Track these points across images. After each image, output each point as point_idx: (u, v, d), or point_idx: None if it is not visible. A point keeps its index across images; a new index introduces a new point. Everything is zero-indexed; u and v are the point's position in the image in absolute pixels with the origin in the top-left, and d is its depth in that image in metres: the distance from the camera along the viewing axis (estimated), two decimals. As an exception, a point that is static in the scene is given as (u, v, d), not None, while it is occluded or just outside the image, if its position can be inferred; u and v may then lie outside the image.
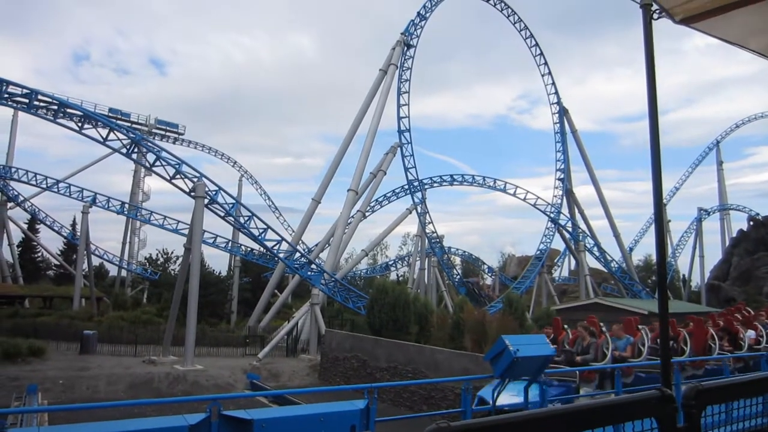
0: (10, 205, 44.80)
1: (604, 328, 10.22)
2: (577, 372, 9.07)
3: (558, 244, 53.93)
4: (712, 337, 11.36)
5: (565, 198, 49.36)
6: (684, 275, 65.21)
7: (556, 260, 61.27)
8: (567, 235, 49.69)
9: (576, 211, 50.27)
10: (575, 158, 51.07)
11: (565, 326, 11.11)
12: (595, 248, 49.49)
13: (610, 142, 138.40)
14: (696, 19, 2.89)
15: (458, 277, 53.28)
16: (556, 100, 49.83)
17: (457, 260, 62.56)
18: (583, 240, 49.05)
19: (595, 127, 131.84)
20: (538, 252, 51.12)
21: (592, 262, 50.88)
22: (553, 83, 49.39)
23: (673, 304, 33.36)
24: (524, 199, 48.67)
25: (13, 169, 42.40)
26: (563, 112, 49.82)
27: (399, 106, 40.74)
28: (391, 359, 21.50)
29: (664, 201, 52.09)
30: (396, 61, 39.71)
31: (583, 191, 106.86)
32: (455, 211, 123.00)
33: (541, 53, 48.45)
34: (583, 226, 50.36)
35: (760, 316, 13.60)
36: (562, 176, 49.32)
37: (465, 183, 50.24)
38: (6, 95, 32.17)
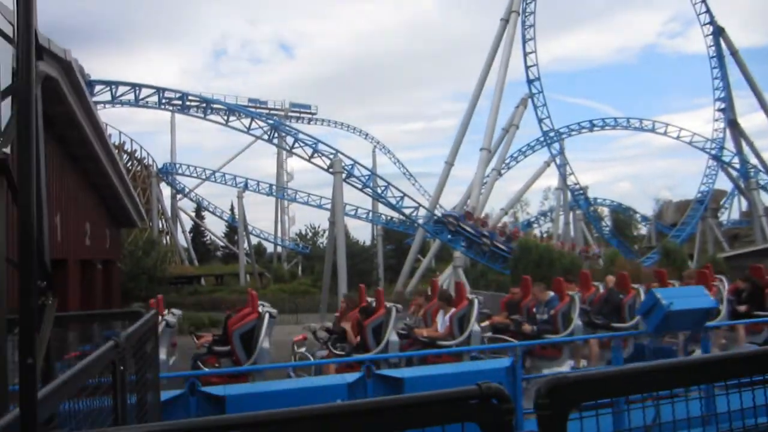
0: (179, 197, 50.54)
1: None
2: None
3: (723, 183, 48.27)
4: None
5: (728, 130, 43.81)
6: None
7: (722, 202, 54.85)
8: (734, 173, 44.25)
9: (743, 144, 44.37)
10: (739, 83, 44.86)
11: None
12: (771, 184, 43.48)
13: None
14: None
15: (607, 229, 50.21)
16: (708, 20, 43.94)
17: (606, 211, 58.83)
18: (754, 176, 43.27)
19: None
20: (700, 194, 46.21)
21: (768, 200, 44.82)
22: (703, 1, 43.51)
23: None
24: (678, 138, 44.04)
25: (177, 165, 47.68)
26: (718, 32, 43.81)
27: (525, 54, 38.70)
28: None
29: None
30: (517, 8, 37.56)
31: (754, 120, 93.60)
32: (600, 159, 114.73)
33: (686, -32, 42.87)
34: (753, 160, 44.31)
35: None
36: (722, 106, 43.77)
37: (607, 127, 46.61)
38: (165, 100, 36.30)
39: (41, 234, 1.68)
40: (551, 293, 8.62)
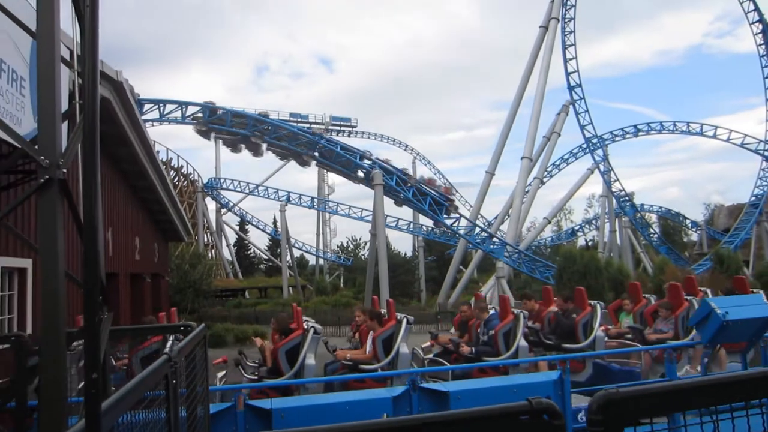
0: (223, 211, 51.72)
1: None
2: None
3: (780, 185, 46.15)
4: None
5: (782, 130, 41.95)
6: None
7: (778, 205, 52.42)
8: (790, 175, 42.28)
9: (800, 144, 42.36)
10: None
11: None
12: (832, 186, 41.33)
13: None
14: None
15: (656, 236, 48.67)
16: (757, 18, 42.33)
17: (653, 218, 57.03)
18: (813, 178, 41.30)
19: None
20: (754, 198, 44.32)
21: (828, 203, 42.53)
22: (752, -2, 41.89)
23: None
24: (728, 140, 42.46)
25: (222, 180, 48.86)
26: (768, 30, 42.14)
27: (566, 61, 38.15)
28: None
29: None
30: (557, 14, 37.11)
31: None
32: (647, 164, 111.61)
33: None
34: (811, 161, 42.30)
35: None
36: (775, 106, 41.97)
37: (653, 132, 45.44)
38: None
39: (99, 252, 1.76)
40: (492, 311, 8.09)
